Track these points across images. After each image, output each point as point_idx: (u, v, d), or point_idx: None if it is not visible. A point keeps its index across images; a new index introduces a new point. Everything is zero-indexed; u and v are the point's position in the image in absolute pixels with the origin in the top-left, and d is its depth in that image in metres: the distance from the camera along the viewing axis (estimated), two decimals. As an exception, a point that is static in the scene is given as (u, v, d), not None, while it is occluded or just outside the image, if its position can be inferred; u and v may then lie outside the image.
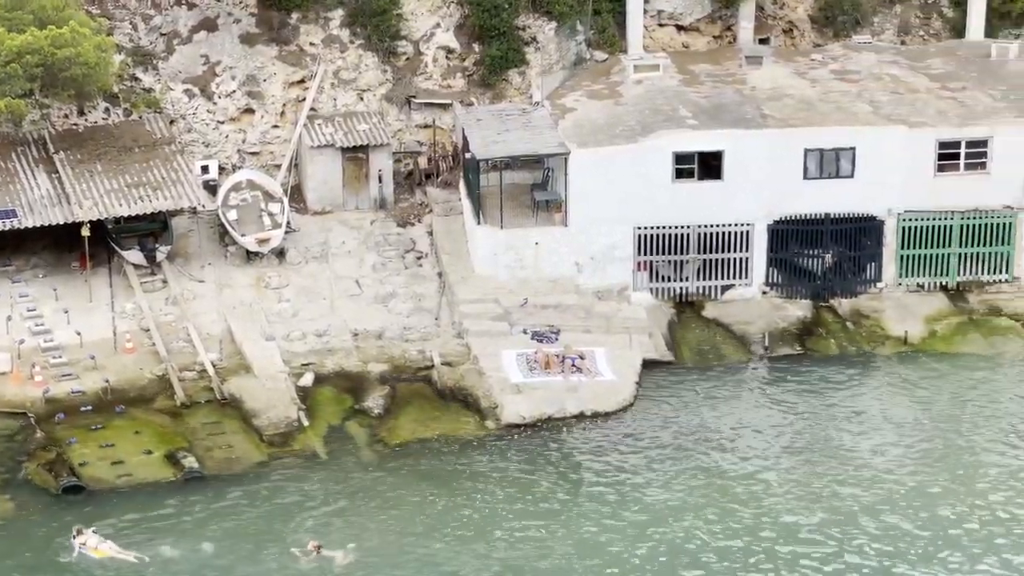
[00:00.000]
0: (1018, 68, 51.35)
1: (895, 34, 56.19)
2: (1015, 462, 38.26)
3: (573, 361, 42.09)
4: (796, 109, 47.95)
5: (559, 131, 47.08)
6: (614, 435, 39.83)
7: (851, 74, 51.37)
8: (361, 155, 50.14)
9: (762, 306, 46.37)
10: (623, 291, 46.13)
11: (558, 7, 52.11)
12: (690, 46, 55.66)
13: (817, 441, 39.44)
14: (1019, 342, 44.80)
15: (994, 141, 46.42)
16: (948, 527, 35.35)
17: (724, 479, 37.62)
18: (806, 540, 34.97)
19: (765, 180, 45.94)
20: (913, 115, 47.27)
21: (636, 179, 45.57)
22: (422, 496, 36.93)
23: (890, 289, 47.05)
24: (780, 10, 56.46)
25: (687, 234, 46.24)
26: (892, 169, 46.20)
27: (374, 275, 46.87)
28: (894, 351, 44.53)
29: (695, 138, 46.06)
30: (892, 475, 37.68)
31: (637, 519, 35.92)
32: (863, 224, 46.76)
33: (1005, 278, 47.33)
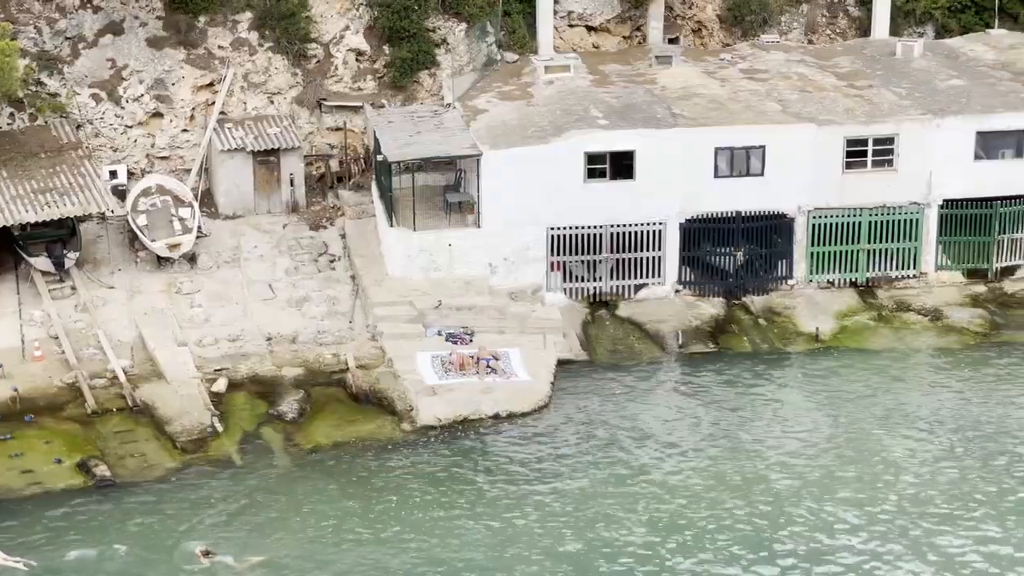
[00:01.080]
0: (922, 66, 52.05)
1: (802, 33, 56.80)
2: (923, 452, 38.76)
3: (488, 362, 42.09)
4: (706, 108, 48.27)
5: (471, 132, 47.06)
6: (530, 435, 39.88)
7: (760, 73, 51.83)
8: (272, 159, 49.85)
9: (675, 304, 46.64)
10: (537, 292, 46.19)
11: (468, 8, 52.10)
12: (600, 46, 55.92)
13: (731, 437, 39.73)
14: (927, 336, 45.41)
15: (900, 138, 46.99)
16: (859, 514, 35.73)
17: (640, 476, 37.78)
18: (724, 532, 35.18)
19: (676, 179, 46.20)
20: (821, 113, 47.75)
21: (548, 180, 45.66)
22: (338, 500, 36.74)
23: (801, 286, 47.50)
24: (689, 10, 56.87)
25: (600, 234, 46.40)
26: (801, 167, 46.64)
27: (287, 279, 46.60)
28: (806, 347, 44.96)
29: (606, 138, 46.23)
30: (805, 468, 38.03)
31: (555, 518, 35.96)
32: (774, 222, 47.16)
33: (913, 274, 47.92)
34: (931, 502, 36.40)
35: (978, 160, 47.40)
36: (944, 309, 46.65)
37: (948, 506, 36.21)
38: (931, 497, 36.59)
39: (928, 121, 47.19)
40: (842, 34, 56.95)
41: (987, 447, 38.98)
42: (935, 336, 45.45)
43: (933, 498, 36.57)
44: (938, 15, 56.67)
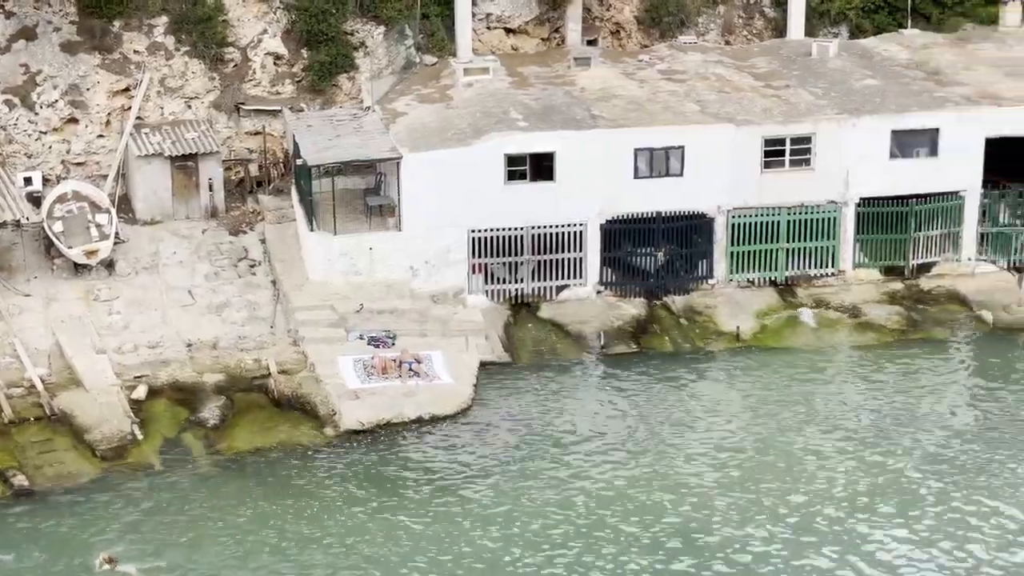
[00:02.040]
0: (838, 66, 52.57)
1: (719, 34, 57.19)
2: (843, 448, 39.11)
3: (410, 365, 41.99)
4: (625, 109, 48.46)
5: (391, 136, 46.95)
6: (453, 437, 39.83)
7: (678, 74, 52.12)
8: (190, 163, 49.45)
9: (597, 305, 46.77)
10: (459, 294, 46.15)
11: (386, 11, 52.00)
12: (519, 48, 56.00)
13: (654, 436, 39.89)
14: (845, 334, 45.83)
15: (817, 137, 47.40)
16: (781, 510, 35.98)
17: (564, 477, 37.83)
18: (648, 531, 35.30)
19: (597, 180, 46.34)
20: (739, 113, 48.08)
21: (469, 182, 45.64)
22: (259, 506, 36.49)
23: (721, 285, 47.79)
24: (607, 12, 57.09)
25: (521, 236, 46.44)
26: (720, 167, 46.94)
27: (207, 284, 46.24)
28: (727, 346, 45.22)
29: (526, 140, 46.27)
30: (728, 466, 38.26)
31: (479, 520, 35.93)
32: (694, 222, 47.42)
33: (831, 272, 48.36)
34: (851, 496, 36.74)
35: (893, 159, 47.92)
36: (862, 306, 47.11)
37: (867, 499, 36.56)
38: (851, 491, 36.94)
39: (844, 120, 47.65)
40: (758, 35, 57.40)
41: (904, 442, 39.40)
42: (854, 333, 45.85)
43: (853, 492, 36.91)
44: (852, 16, 57.28)
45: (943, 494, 36.85)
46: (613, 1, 57.03)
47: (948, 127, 47.83)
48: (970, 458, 38.58)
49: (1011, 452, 38.85)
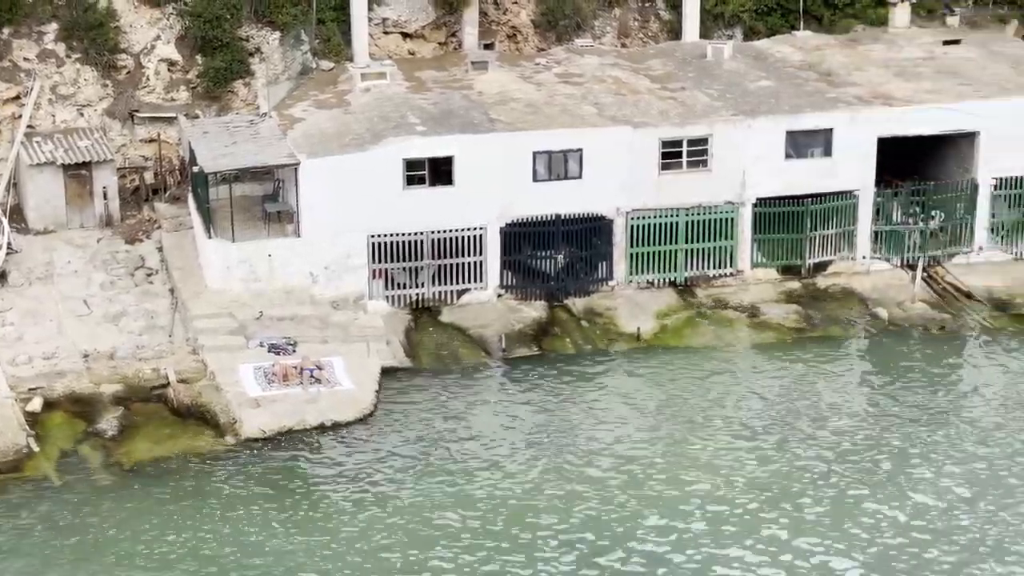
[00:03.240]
0: (733, 68, 53.04)
1: (615, 37, 57.48)
2: (745, 445, 39.44)
3: (311, 372, 41.73)
4: (523, 113, 48.54)
5: (288, 141, 46.65)
6: (356, 444, 39.64)
7: (575, 77, 52.32)
8: (84, 172, 48.83)
9: (498, 309, 46.79)
10: (359, 300, 45.95)
11: (281, 17, 51.69)
12: (416, 53, 55.91)
13: (558, 439, 39.96)
14: (744, 332, 46.23)
15: (713, 139, 47.78)
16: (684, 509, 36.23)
17: (468, 480, 37.79)
18: (554, 534, 35.35)
19: (496, 184, 46.37)
20: (636, 115, 48.34)
21: (368, 187, 45.47)
22: (159, 515, 36.07)
23: (622, 287, 48.01)
24: (503, 16, 57.17)
25: (421, 240, 46.34)
26: (618, 169, 47.16)
27: (103, 294, 45.64)
28: (628, 347, 45.43)
29: (425, 144, 46.20)
30: (631, 467, 38.43)
31: (383, 525, 35.79)
32: (593, 224, 47.60)
33: (730, 272, 48.76)
34: (751, 493, 37.04)
35: (788, 159, 48.42)
36: (760, 306, 47.55)
37: (767, 495, 36.89)
38: (751, 488, 37.26)
39: (740, 122, 48.08)
40: (654, 37, 57.78)
41: (803, 439, 39.80)
42: (752, 332, 46.26)
43: (753, 489, 37.22)
44: (746, 18, 57.84)
45: (840, 488, 37.28)
46: (509, 5, 57.13)
47: (841, 127, 48.44)
48: (868, 452, 39.08)
49: (906, 446, 39.41)
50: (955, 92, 50.41)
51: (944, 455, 38.96)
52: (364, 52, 53.44)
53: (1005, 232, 50.25)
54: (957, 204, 49.93)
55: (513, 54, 56.42)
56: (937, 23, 58.72)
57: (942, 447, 39.36)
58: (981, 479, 37.71)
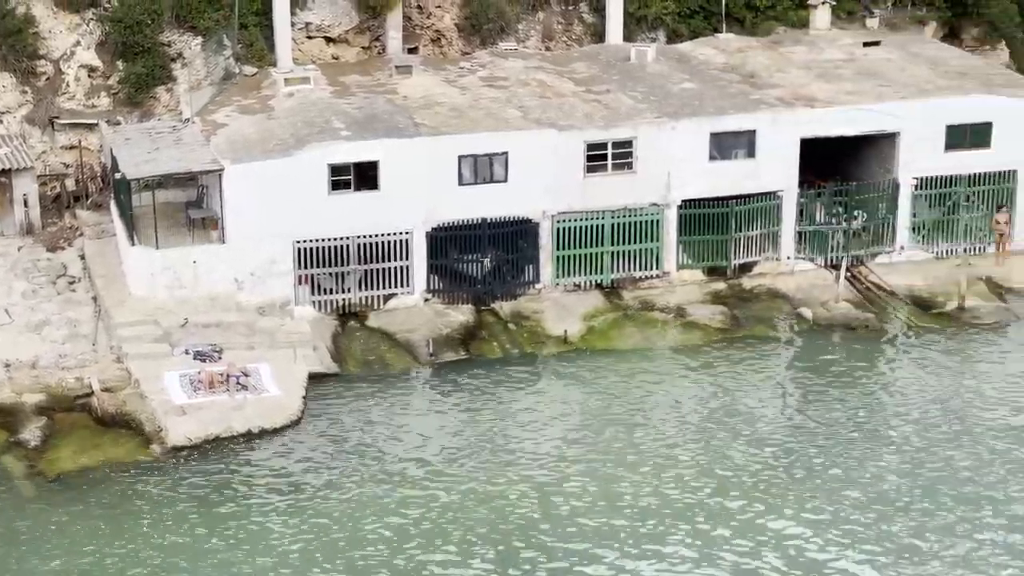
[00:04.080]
0: (656, 70, 53.28)
1: (539, 40, 57.56)
2: (671, 444, 39.60)
3: (238, 379, 41.46)
4: (448, 117, 48.49)
5: (211, 147, 46.33)
6: (283, 450, 39.42)
7: (500, 80, 52.35)
8: (3, 179, 48.27)
9: (425, 313, 46.70)
10: (285, 305, 45.71)
11: (203, 22, 51.34)
12: (340, 57, 55.72)
13: (486, 443, 39.95)
14: (671, 334, 46.43)
15: (638, 141, 47.96)
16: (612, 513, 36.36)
17: (397, 485, 37.69)
18: (480, 540, 35.33)
19: (421, 188, 46.29)
20: (561, 118, 48.43)
21: (292, 192, 45.25)
22: (88, 527, 35.69)
23: (548, 289, 48.08)
24: (427, 20, 57.08)
25: (347, 245, 46.17)
26: (544, 172, 47.22)
27: (24, 303, 45.08)
28: (555, 350, 45.48)
29: (349, 149, 46.03)
30: (561, 467, 38.49)
31: (313, 531, 35.61)
32: (519, 227, 47.62)
33: (656, 273, 48.94)
34: (680, 493, 37.20)
35: (713, 161, 48.69)
36: (687, 307, 47.76)
37: (696, 496, 37.07)
38: (680, 488, 37.42)
39: (664, 124, 48.29)
40: (578, 40, 57.92)
41: (730, 440, 40.04)
42: (679, 334, 46.46)
43: (682, 489, 37.38)
44: (668, 21, 58.09)
45: (767, 487, 37.51)
46: (433, 9, 57.05)
47: (764, 129, 48.79)
48: (794, 451, 39.36)
49: (830, 445, 39.73)
50: (875, 93, 50.93)
51: (868, 454, 39.32)
52: (287, 57, 53.17)
53: (926, 231, 50.82)
54: (879, 204, 50.44)
55: (437, 58, 56.36)
56: (857, 25, 59.30)
57: (866, 446, 39.72)
58: (906, 477, 38.08)
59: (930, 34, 59.79)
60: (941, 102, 50.26)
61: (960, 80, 52.47)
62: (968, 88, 51.52)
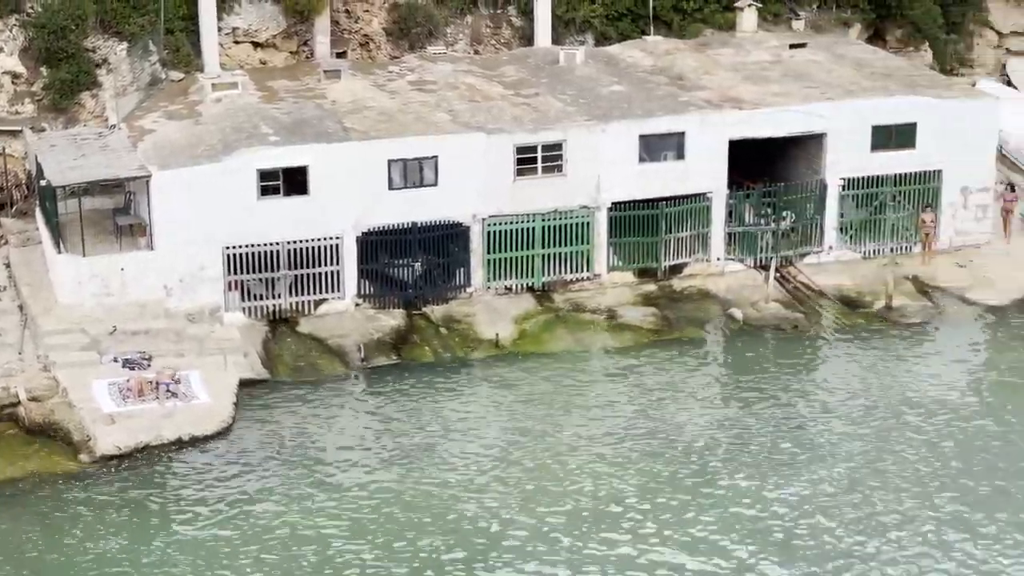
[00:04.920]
0: (585, 73, 53.41)
1: (468, 44, 57.55)
2: (603, 447, 39.67)
3: (167, 386, 41.13)
4: (377, 121, 48.37)
5: (138, 153, 45.95)
6: (215, 457, 39.16)
7: (429, 84, 52.27)
8: (-74, 188, 47.66)
9: (356, 318, 46.54)
10: (215, 312, 45.41)
11: (128, 27, 50.93)
12: (268, 62, 55.44)
13: (418, 448, 39.86)
14: (603, 336, 46.53)
15: (568, 144, 48.04)
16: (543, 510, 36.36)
17: (330, 490, 37.53)
18: (413, 547, 35.24)
19: (351, 193, 46.14)
20: (490, 122, 48.43)
21: (221, 198, 44.96)
22: (16, 539, 35.25)
23: (480, 293, 48.06)
24: (355, 24, 56.92)
25: (277, 251, 45.93)
26: (474, 175, 47.21)
27: (-52, 313, 44.58)
28: (487, 354, 45.45)
29: (278, 154, 45.80)
30: (494, 470, 38.46)
31: (244, 538, 35.38)
32: (450, 231, 47.57)
33: (587, 275, 49.05)
34: (613, 496, 37.29)
35: (642, 163, 48.86)
36: (618, 309, 47.89)
37: (628, 500, 37.17)
38: (612, 491, 37.50)
39: (593, 127, 48.40)
40: (506, 44, 57.96)
41: (662, 441, 40.16)
42: (610, 336, 46.56)
43: (614, 492, 37.47)
44: (597, 23, 58.26)
45: (696, 488, 37.67)
46: (361, 13, 56.90)
47: (693, 130, 49.02)
48: (725, 451, 39.55)
49: (760, 444, 39.95)
50: (802, 94, 51.31)
51: (797, 453, 39.56)
52: (214, 62, 52.85)
53: (853, 231, 51.26)
54: (807, 205, 50.82)
55: (366, 62, 56.21)
56: (783, 27, 59.74)
57: (795, 446, 39.97)
58: (836, 477, 38.35)
59: (855, 36, 60.35)
60: (866, 103, 50.74)
61: (885, 81, 53.00)
62: (893, 89, 52.04)
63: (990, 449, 39.62)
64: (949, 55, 62.01)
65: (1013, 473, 38.24)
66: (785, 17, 60.00)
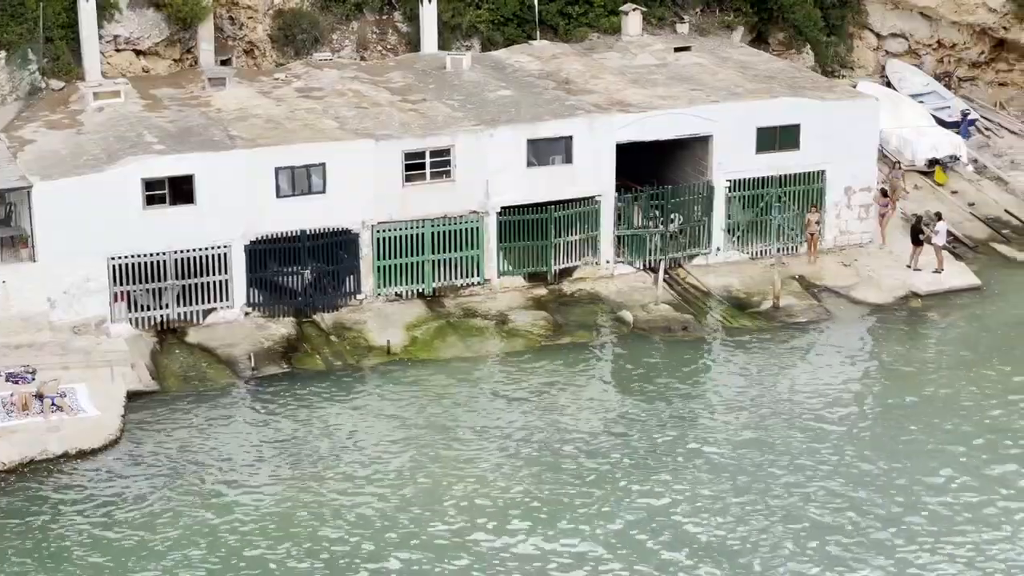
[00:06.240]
0: (472, 78, 53.43)
1: (354, 50, 57.32)
2: (496, 453, 39.68)
3: (52, 400, 40.47)
4: (264, 129, 48.01)
5: (19, 164, 45.19)
6: (102, 471, 38.61)
7: (315, 91, 51.98)
8: None
9: (245, 327, 46.14)
10: (101, 324, 44.79)
11: (6, 35, 50.08)
12: (151, 70, 54.81)
13: (309, 455, 39.60)
14: (494, 341, 46.53)
15: (456, 149, 48.02)
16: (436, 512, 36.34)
17: (220, 502, 37.16)
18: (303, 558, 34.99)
19: (239, 201, 45.75)
20: (378, 128, 48.26)
21: (105, 209, 44.36)
22: (-102, 560, 34.57)
23: (370, 300, 47.85)
24: (239, 31, 56.47)
25: (164, 261, 45.41)
26: (363, 182, 47.01)
27: None
28: (378, 361, 45.26)
29: (163, 163, 45.28)
30: (386, 478, 38.32)
31: (133, 551, 34.91)
32: (339, 238, 47.33)
33: (477, 281, 49.05)
34: (506, 503, 37.31)
35: (531, 167, 48.96)
36: (509, 314, 47.94)
37: (521, 506, 37.22)
38: (505, 498, 37.52)
39: (482, 132, 48.42)
40: (393, 50, 57.82)
41: (553, 447, 40.27)
42: (501, 341, 46.58)
43: (507, 500, 37.50)
44: (483, 28, 58.32)
45: (588, 494, 37.81)
46: (245, 20, 56.47)
47: (580, 134, 49.22)
48: (615, 457, 39.72)
49: (649, 445, 40.21)
50: (688, 97, 51.74)
51: (689, 455, 39.87)
52: (96, 70, 52.17)
53: (740, 233, 51.77)
54: (694, 207, 51.24)
55: (251, 70, 55.79)
56: (668, 30, 60.21)
57: (685, 446, 40.28)
58: (724, 476, 38.69)
59: (738, 39, 60.99)
60: (751, 105, 51.29)
61: (769, 83, 53.61)
62: (776, 91, 52.64)
63: (875, 444, 40.20)
64: (830, 57, 62.88)
65: (895, 468, 38.84)
66: (669, 21, 60.49)
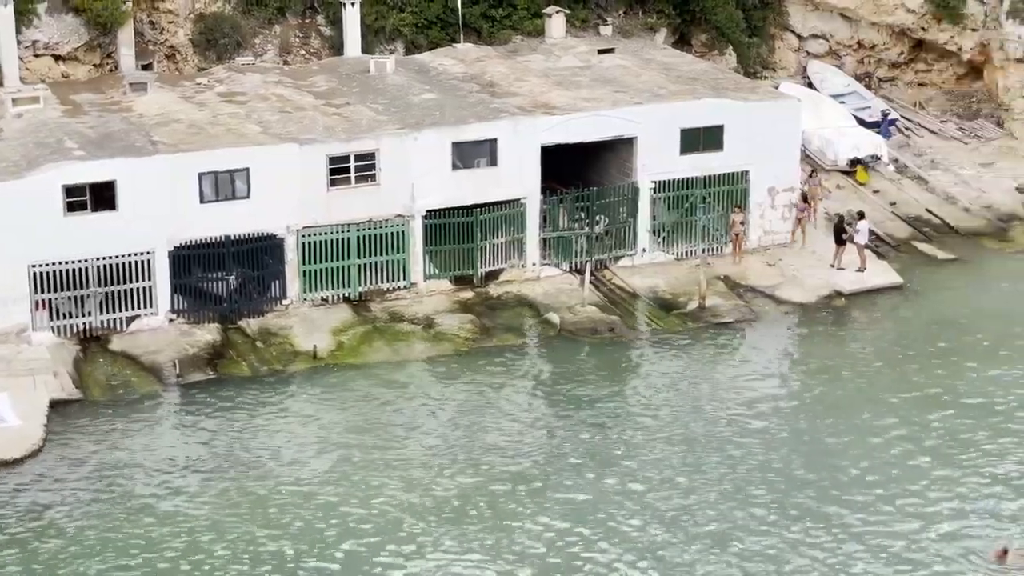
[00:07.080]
0: (396, 82, 53.32)
1: (277, 54, 57.07)
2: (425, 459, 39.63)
3: (-26, 410, 40.03)
4: (186, 134, 47.66)
5: (-63, 171, 44.64)
6: (24, 482, 38.13)
7: (238, 96, 51.69)
8: None
9: (170, 334, 45.77)
10: (22, 332, 44.27)
11: (-77, 41, 49.42)
12: (71, 75, 54.30)
13: (236, 462, 39.36)
14: (421, 345, 46.43)
15: (381, 153, 47.89)
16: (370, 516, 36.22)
17: (145, 511, 36.83)
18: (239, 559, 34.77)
19: (162, 207, 45.38)
20: (302, 132, 48.05)
21: (26, 215, 43.88)
22: None
23: (296, 305, 47.62)
24: (160, 35, 56.06)
25: (85, 268, 44.96)
26: (287, 187, 46.78)
27: None
28: (305, 366, 45.04)
29: (84, 170, 44.84)
30: (313, 485, 38.14)
31: (56, 563, 34.51)
32: (263, 243, 47.07)
33: (403, 284, 48.93)
34: (437, 507, 37.28)
35: (456, 170, 48.93)
36: (435, 317, 47.86)
37: (451, 512, 37.18)
38: (437, 504, 37.47)
39: (406, 135, 48.32)
40: (316, 54, 57.61)
41: (481, 451, 40.28)
42: (428, 345, 46.48)
43: (438, 505, 37.46)
44: (406, 32, 58.24)
45: (514, 496, 37.82)
46: (166, 25, 56.05)
47: (505, 137, 49.24)
48: (543, 459, 39.78)
49: (575, 447, 40.29)
50: (612, 99, 51.91)
51: (616, 454, 39.99)
52: (14, 76, 51.63)
53: (666, 234, 52.00)
54: (620, 208, 51.41)
55: (173, 74, 55.39)
56: (591, 33, 60.41)
57: (612, 447, 40.39)
58: (651, 475, 38.85)
59: (661, 40, 61.28)
60: (675, 107, 51.53)
61: (692, 85, 53.89)
62: (700, 92, 52.93)
63: (798, 441, 40.52)
64: (752, 58, 63.33)
65: (818, 464, 39.16)
66: (593, 23, 60.68)
